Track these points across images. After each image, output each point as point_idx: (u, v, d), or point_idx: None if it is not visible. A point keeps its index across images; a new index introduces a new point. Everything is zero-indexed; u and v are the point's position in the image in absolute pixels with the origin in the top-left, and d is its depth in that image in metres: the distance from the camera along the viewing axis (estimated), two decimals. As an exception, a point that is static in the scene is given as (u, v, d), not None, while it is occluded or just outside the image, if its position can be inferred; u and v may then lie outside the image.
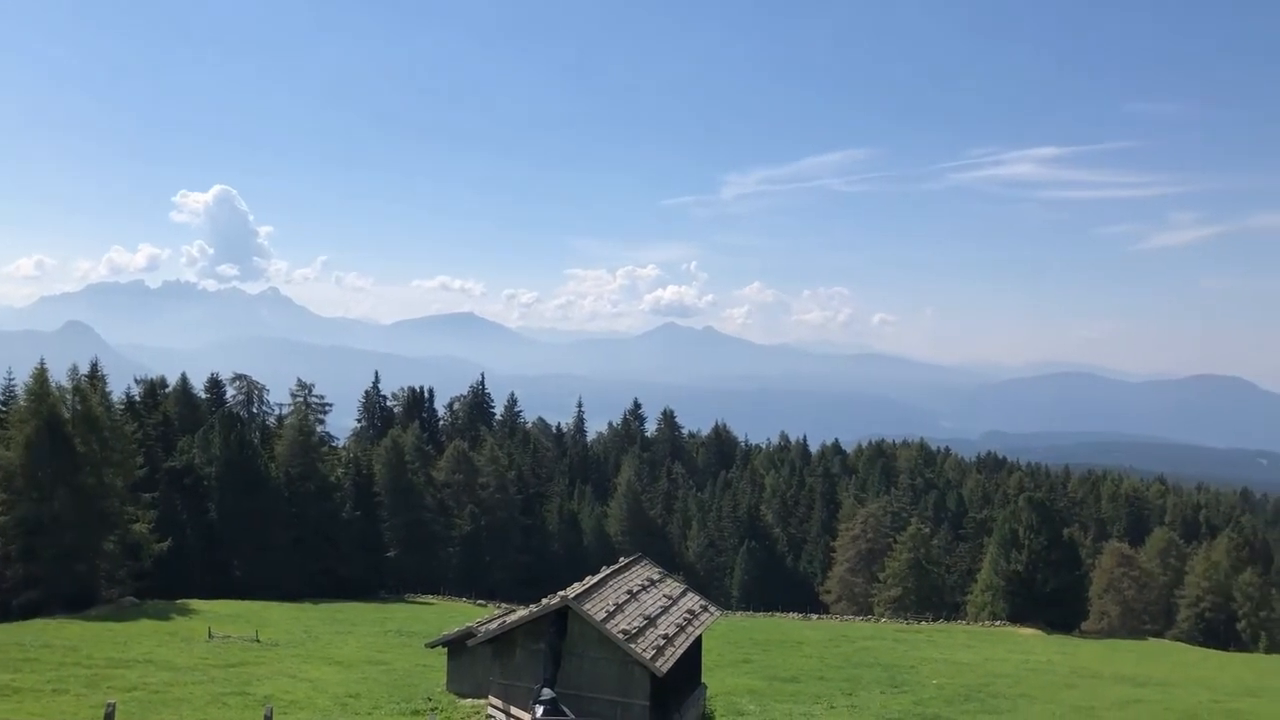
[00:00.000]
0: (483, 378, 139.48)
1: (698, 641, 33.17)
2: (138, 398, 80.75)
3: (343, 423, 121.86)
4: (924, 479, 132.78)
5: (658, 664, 27.59)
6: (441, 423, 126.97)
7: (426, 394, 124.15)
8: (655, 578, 34.31)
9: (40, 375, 57.05)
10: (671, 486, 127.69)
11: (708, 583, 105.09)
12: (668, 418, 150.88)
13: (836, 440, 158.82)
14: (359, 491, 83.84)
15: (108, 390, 69.98)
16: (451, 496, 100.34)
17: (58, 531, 54.54)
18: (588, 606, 28.32)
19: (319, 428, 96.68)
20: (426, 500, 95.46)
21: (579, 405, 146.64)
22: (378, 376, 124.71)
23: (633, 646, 27.51)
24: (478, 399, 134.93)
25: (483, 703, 32.98)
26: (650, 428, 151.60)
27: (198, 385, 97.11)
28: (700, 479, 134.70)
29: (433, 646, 39.64)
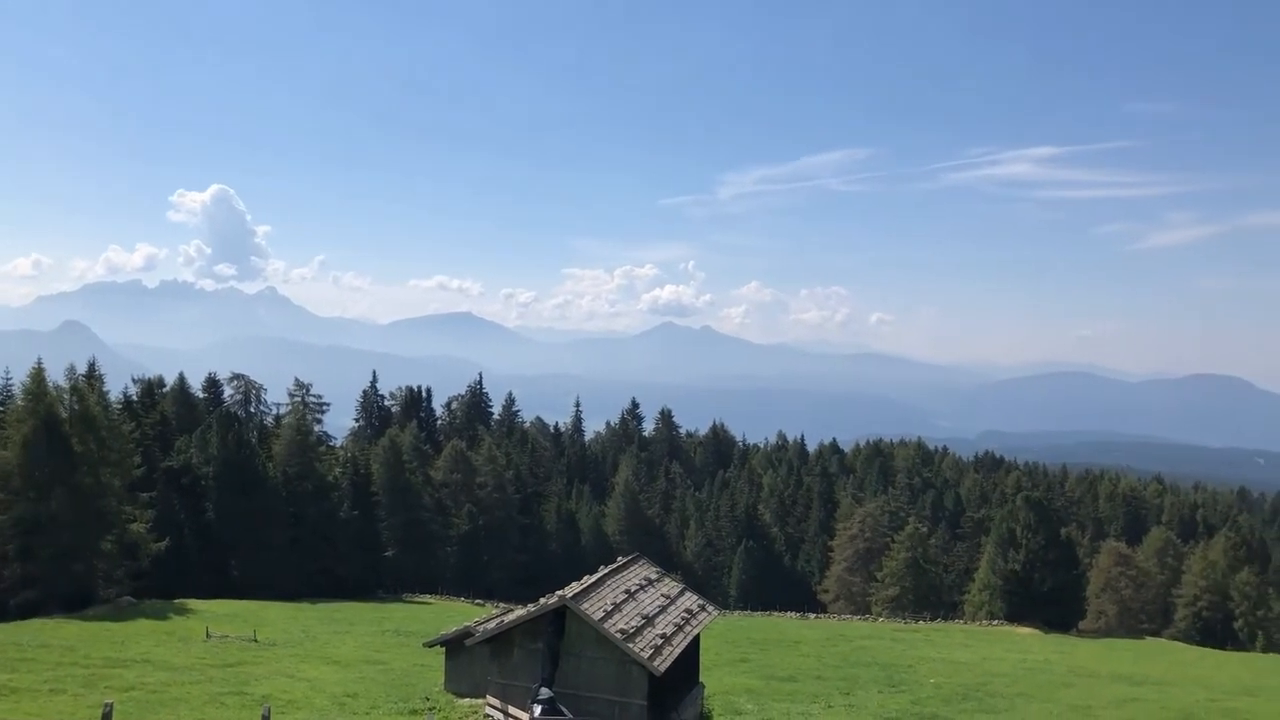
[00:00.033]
0: (480, 377, 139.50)
1: (695, 641, 33.18)
2: (135, 397, 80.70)
3: (340, 422, 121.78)
4: (921, 478, 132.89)
5: (656, 663, 27.60)
6: (439, 422, 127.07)
7: (424, 394, 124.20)
8: (653, 577, 34.33)
9: (37, 375, 57.00)
10: (669, 486, 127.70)
11: (705, 582, 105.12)
12: (665, 417, 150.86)
13: (834, 440, 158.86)
14: (357, 491, 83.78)
15: (105, 390, 69.94)
16: (449, 496, 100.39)
17: (55, 531, 54.47)
18: (585, 606, 28.33)
19: (316, 427, 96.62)
20: (424, 500, 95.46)
21: (576, 405, 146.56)
22: (375, 376, 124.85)
23: (631, 646, 27.52)
24: (475, 398, 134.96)
25: (481, 702, 32.99)
26: (648, 427, 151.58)
27: (195, 385, 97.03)
28: (698, 478, 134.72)
29: (430, 646, 39.65)
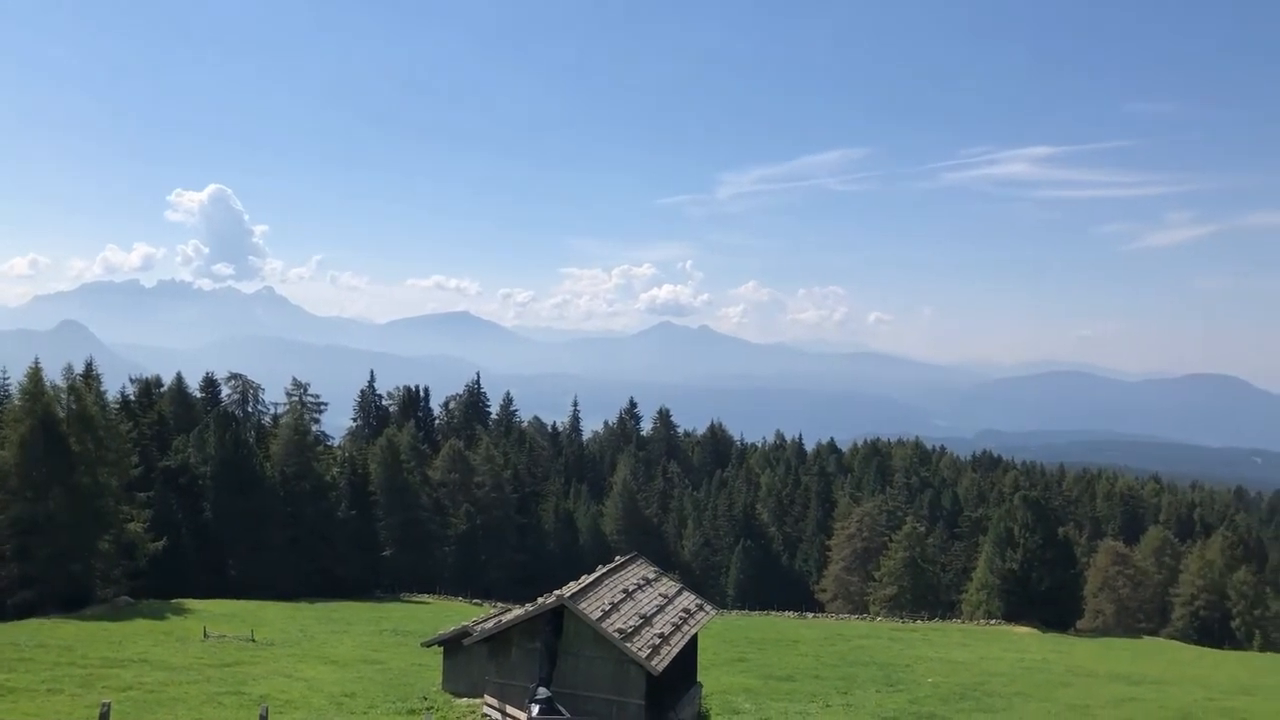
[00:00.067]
0: (478, 377, 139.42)
1: (693, 640, 33.18)
2: (132, 397, 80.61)
3: (338, 422, 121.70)
4: (919, 478, 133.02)
5: (653, 662, 27.60)
6: (437, 422, 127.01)
7: (422, 393, 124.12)
8: (651, 576, 34.33)
9: (35, 374, 56.88)
10: (667, 485, 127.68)
11: (703, 581, 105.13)
12: (663, 417, 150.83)
13: (832, 439, 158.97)
14: (354, 491, 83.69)
15: (102, 389, 69.83)
16: (447, 496, 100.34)
17: (52, 531, 54.37)
18: (583, 605, 28.32)
19: (314, 427, 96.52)
20: (422, 499, 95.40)
21: (574, 404, 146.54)
22: (373, 376, 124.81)
23: (628, 645, 27.52)
24: (473, 398, 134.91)
25: (478, 702, 32.98)
26: (646, 427, 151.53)
27: (193, 384, 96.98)
28: (696, 478, 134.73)
29: (428, 646, 39.62)
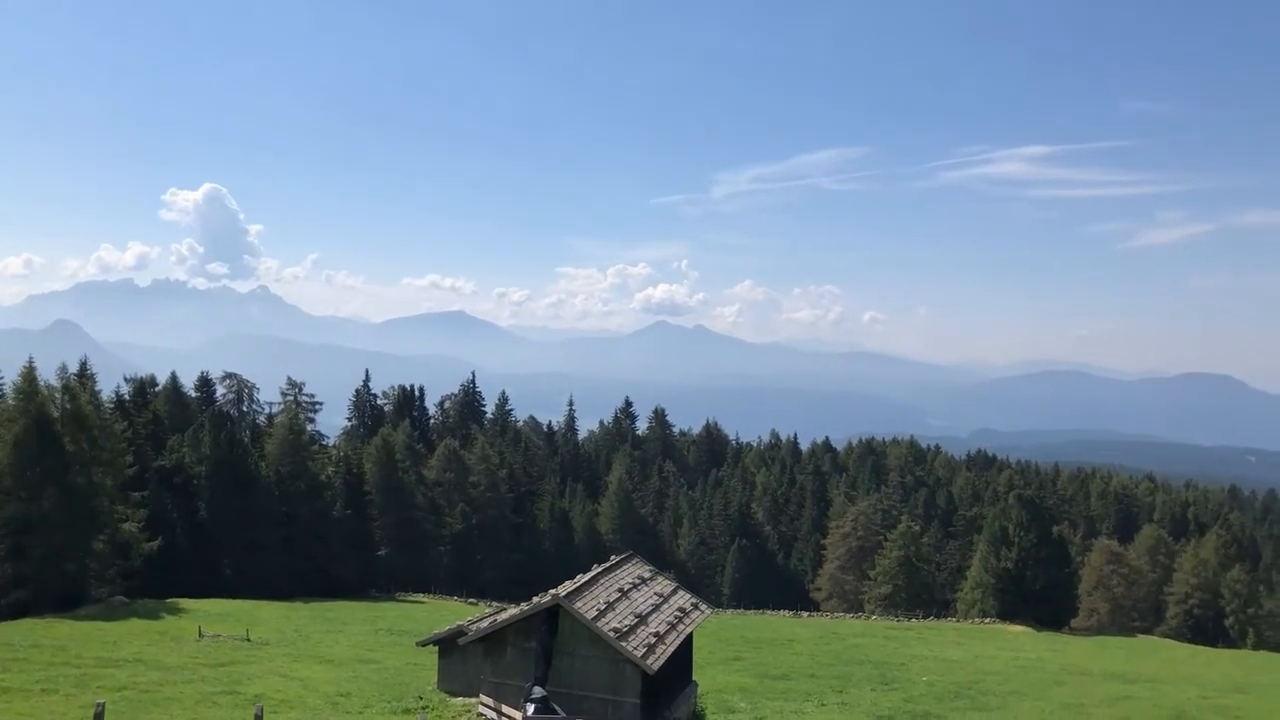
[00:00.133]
0: (473, 376, 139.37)
1: (689, 639, 33.23)
2: (127, 396, 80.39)
3: (333, 421, 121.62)
4: (914, 477, 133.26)
5: (649, 662, 27.63)
6: (432, 421, 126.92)
7: (417, 392, 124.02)
8: (646, 576, 34.36)
9: (28, 374, 56.76)
10: (662, 485, 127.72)
11: (699, 581, 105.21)
12: (659, 416, 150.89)
13: (827, 438, 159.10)
14: (349, 490, 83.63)
15: (97, 389, 69.76)
16: (442, 495, 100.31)
17: (47, 531, 54.26)
18: (579, 605, 28.34)
19: (309, 426, 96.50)
20: (417, 499, 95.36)
21: (570, 404, 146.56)
22: (368, 375, 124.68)
23: (624, 644, 27.54)
24: (468, 397, 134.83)
25: (474, 701, 32.97)
26: (641, 426, 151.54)
27: (187, 384, 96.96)
28: (691, 477, 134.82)
29: (424, 645, 39.59)
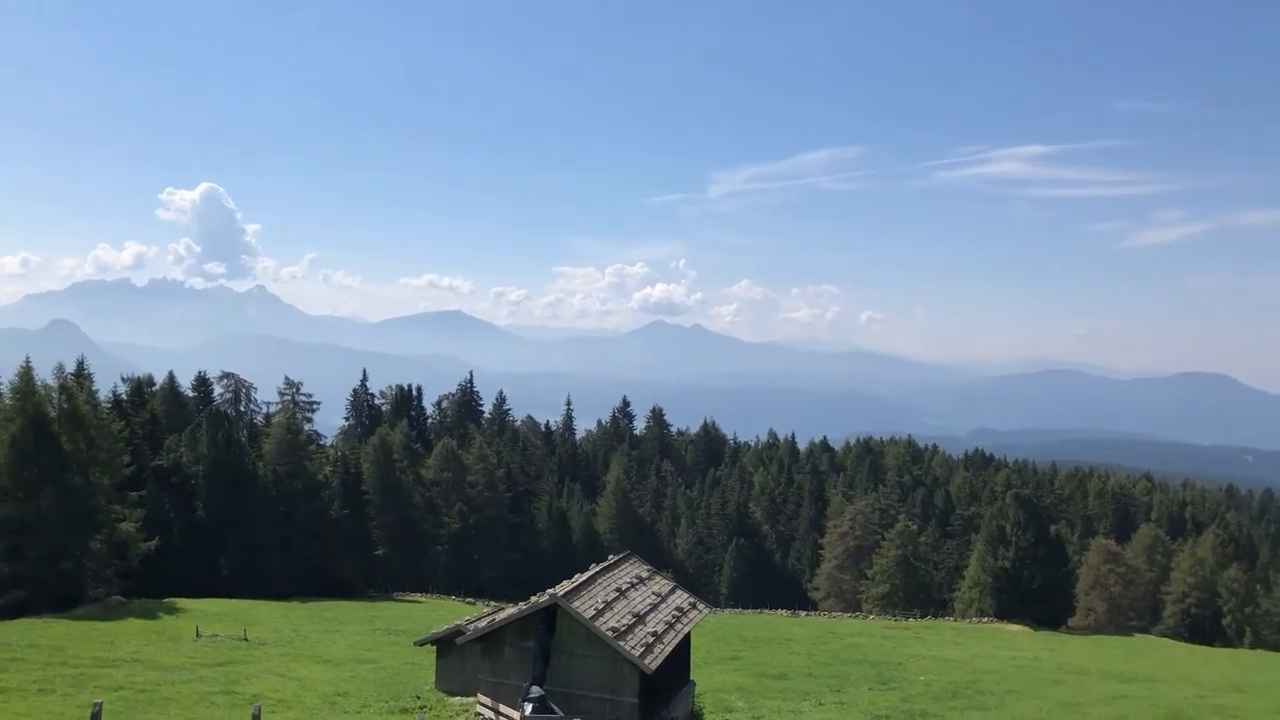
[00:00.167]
0: (471, 376, 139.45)
1: (686, 639, 33.24)
2: (124, 396, 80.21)
3: (331, 421, 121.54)
4: (911, 476, 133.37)
5: (646, 661, 27.64)
6: (430, 421, 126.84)
7: (415, 392, 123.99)
8: (644, 575, 34.37)
9: (25, 374, 56.66)
10: (660, 484, 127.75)
11: (696, 580, 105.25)
12: (656, 415, 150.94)
13: (825, 438, 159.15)
14: (347, 490, 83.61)
15: (94, 389, 69.52)
16: (440, 495, 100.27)
17: (44, 531, 54.21)
18: (576, 604, 28.35)
19: (307, 426, 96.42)
20: (415, 499, 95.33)
21: (568, 403, 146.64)
22: (366, 375, 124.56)
23: (621, 644, 27.55)
24: (466, 397, 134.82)
25: (471, 701, 32.97)
26: (639, 426, 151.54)
27: (185, 384, 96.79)
28: (689, 477, 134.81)
29: (421, 645, 39.56)
